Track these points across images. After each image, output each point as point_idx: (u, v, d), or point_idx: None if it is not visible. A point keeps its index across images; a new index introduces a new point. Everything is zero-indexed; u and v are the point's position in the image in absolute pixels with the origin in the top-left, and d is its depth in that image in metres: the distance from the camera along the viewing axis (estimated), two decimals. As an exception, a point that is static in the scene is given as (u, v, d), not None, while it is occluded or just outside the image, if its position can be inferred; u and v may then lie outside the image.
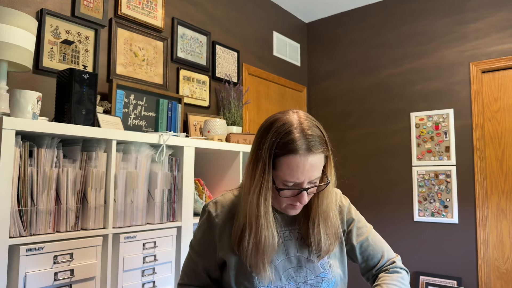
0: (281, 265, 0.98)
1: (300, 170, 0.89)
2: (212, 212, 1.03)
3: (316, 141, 0.91)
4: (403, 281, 1.02)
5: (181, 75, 2.68)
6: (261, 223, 0.92)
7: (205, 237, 1.03)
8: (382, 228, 3.46)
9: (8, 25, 1.50)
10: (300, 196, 0.92)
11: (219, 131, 2.35)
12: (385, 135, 3.53)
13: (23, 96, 1.37)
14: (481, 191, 3.02)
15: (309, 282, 0.98)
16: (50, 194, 1.42)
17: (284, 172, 0.90)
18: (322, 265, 1.00)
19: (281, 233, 1.02)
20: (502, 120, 3.03)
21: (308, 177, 0.90)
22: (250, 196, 0.93)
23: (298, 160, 0.89)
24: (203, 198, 2.16)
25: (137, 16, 2.40)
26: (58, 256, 1.40)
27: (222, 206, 1.03)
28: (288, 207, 0.96)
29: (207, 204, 1.06)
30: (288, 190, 0.92)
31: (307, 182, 0.91)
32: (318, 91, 4.00)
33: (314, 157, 0.90)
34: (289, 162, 0.89)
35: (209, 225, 1.02)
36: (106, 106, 2.06)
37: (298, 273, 0.98)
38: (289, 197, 0.94)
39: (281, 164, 0.90)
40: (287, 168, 0.89)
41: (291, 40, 3.88)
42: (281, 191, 0.92)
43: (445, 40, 3.28)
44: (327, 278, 0.99)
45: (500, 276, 2.95)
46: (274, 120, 0.94)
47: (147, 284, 1.70)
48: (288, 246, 1.01)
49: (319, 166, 0.92)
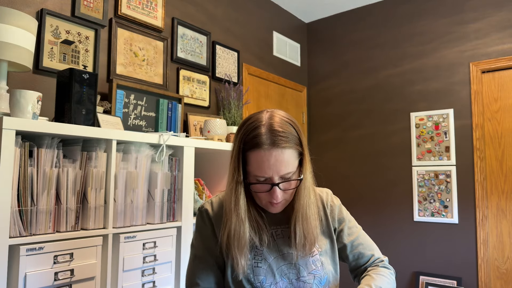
0: (274, 262, 1.00)
1: (266, 164, 0.92)
2: (209, 210, 1.06)
3: (283, 136, 0.93)
4: (391, 276, 1.05)
5: (181, 75, 2.68)
6: (233, 216, 0.96)
7: (207, 235, 1.05)
8: (382, 228, 3.46)
9: (8, 25, 1.50)
10: (272, 192, 0.94)
11: (219, 131, 2.35)
12: (385, 135, 3.53)
13: (23, 96, 1.37)
14: (481, 191, 3.02)
15: (301, 279, 1.00)
16: (50, 194, 1.42)
17: (253, 166, 0.94)
18: (314, 262, 1.02)
19: (273, 231, 1.05)
20: (502, 120, 3.03)
21: (276, 172, 0.93)
22: (226, 190, 0.99)
23: (263, 154, 0.92)
24: (203, 198, 2.16)
25: (137, 16, 2.40)
26: (58, 256, 1.40)
27: (217, 205, 1.07)
28: (267, 204, 0.99)
29: (202, 205, 1.09)
30: (260, 185, 0.95)
31: (278, 177, 0.93)
32: (318, 91, 4.00)
33: (280, 152, 0.92)
34: (255, 156, 0.93)
35: (208, 224, 1.05)
36: (106, 106, 2.06)
37: (290, 270, 1.00)
38: (264, 192, 0.96)
39: (250, 159, 0.94)
40: (255, 162, 0.93)
41: (291, 40, 3.88)
42: (252, 185, 0.96)
43: (445, 40, 3.28)
44: (319, 275, 1.01)
45: (500, 276, 2.95)
46: (247, 118, 1.00)
47: (147, 284, 1.70)
48: (280, 244, 1.03)
49: (288, 161, 0.93)
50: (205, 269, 1.03)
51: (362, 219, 3.56)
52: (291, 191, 0.99)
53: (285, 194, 0.98)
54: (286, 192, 0.98)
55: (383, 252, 3.44)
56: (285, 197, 0.98)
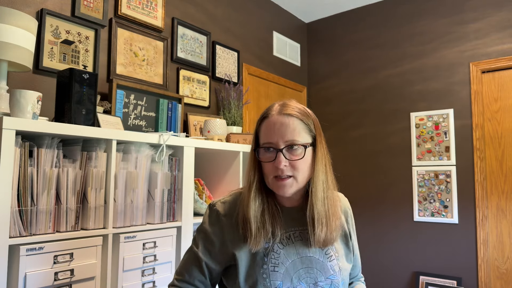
0: (292, 265, 0.97)
1: (272, 128, 0.97)
2: (220, 211, 1.03)
3: (293, 108, 0.99)
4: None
5: (181, 75, 2.68)
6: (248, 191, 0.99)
7: (209, 237, 1.02)
8: (382, 228, 3.46)
9: (8, 25, 1.50)
10: (276, 158, 0.95)
11: (219, 131, 2.35)
12: (385, 135, 3.53)
13: (23, 96, 1.37)
14: (481, 191, 3.02)
15: (319, 284, 0.97)
16: (50, 194, 1.42)
17: (261, 135, 1.00)
18: (332, 267, 1.00)
19: (291, 232, 1.02)
20: (502, 120, 3.03)
21: (280, 136, 0.95)
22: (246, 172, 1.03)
23: (270, 120, 0.98)
24: (203, 198, 2.16)
25: (137, 16, 2.40)
26: (58, 256, 1.40)
27: (230, 206, 1.04)
28: (274, 181, 0.97)
29: (214, 203, 1.06)
30: (265, 152, 0.98)
31: (283, 142, 0.95)
32: (318, 91, 4.00)
33: (286, 118, 0.97)
34: (264, 125, 0.99)
35: (215, 225, 1.02)
36: (106, 106, 2.06)
37: (308, 274, 0.98)
38: (270, 163, 0.97)
39: (260, 130, 1.01)
40: (263, 130, 0.99)
41: (291, 40, 3.88)
42: (260, 153, 0.99)
43: (445, 40, 3.28)
44: (337, 280, 0.99)
45: (500, 276, 2.95)
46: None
47: (147, 284, 1.70)
48: (299, 246, 1.00)
49: (295, 129, 0.96)
50: (196, 266, 1.02)
51: (362, 219, 3.57)
52: (297, 165, 0.96)
53: (291, 168, 0.95)
54: (292, 165, 0.95)
55: (383, 252, 3.44)
56: (291, 171, 0.96)
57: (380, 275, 3.43)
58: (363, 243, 3.54)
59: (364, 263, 3.50)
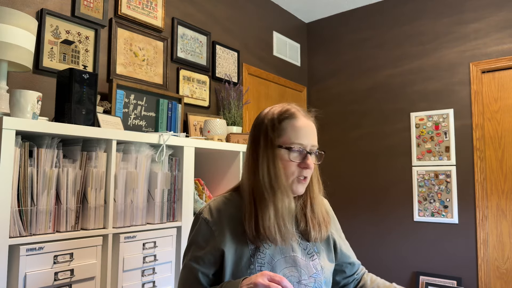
0: (277, 264, 0.99)
1: (303, 130, 0.99)
2: (207, 218, 1.02)
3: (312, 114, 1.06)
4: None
5: (181, 75, 2.68)
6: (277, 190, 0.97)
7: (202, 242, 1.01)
8: (382, 228, 3.46)
9: (8, 25, 1.50)
10: (306, 160, 0.99)
11: (219, 131, 2.35)
12: (385, 135, 3.53)
13: (23, 96, 1.37)
14: (481, 191, 3.02)
15: (303, 282, 1.00)
16: (50, 194, 1.42)
17: (289, 135, 0.98)
18: (314, 266, 1.03)
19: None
20: (502, 120, 3.03)
21: (311, 140, 1.00)
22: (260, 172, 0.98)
23: (300, 121, 1.00)
24: (203, 198, 2.16)
25: (137, 16, 2.40)
26: (58, 256, 1.40)
27: (216, 209, 1.03)
28: (295, 180, 1.00)
29: (200, 211, 1.05)
30: (297, 152, 0.98)
31: (312, 146, 1.01)
32: (318, 91, 4.00)
33: (311, 123, 1.03)
34: (292, 124, 0.99)
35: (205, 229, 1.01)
36: (106, 106, 2.06)
37: (292, 273, 1.00)
38: (296, 163, 0.99)
39: (285, 127, 0.99)
40: (290, 130, 0.99)
41: (291, 40, 3.88)
42: (292, 152, 0.97)
43: (445, 40, 3.28)
44: (319, 278, 1.03)
45: (500, 276, 2.95)
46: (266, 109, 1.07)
47: (147, 284, 1.70)
48: (282, 246, 1.03)
49: (316, 133, 1.03)
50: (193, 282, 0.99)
51: (362, 219, 3.57)
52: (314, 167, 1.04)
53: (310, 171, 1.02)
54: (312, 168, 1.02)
55: (383, 252, 3.44)
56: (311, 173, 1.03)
57: (380, 275, 3.43)
58: (363, 243, 3.54)
59: (364, 263, 3.49)
